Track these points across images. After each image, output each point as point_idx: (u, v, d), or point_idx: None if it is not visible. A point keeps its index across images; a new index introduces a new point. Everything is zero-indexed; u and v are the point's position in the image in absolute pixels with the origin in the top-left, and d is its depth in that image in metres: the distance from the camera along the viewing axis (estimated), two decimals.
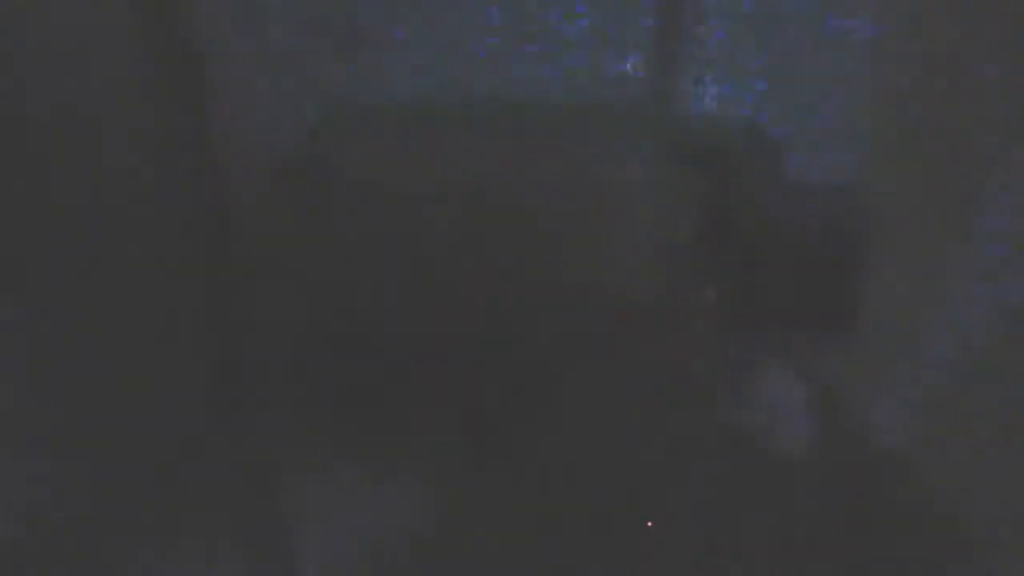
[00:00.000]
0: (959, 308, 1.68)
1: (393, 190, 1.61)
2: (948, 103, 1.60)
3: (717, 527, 1.73)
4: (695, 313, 1.63)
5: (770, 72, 1.62)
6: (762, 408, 1.72)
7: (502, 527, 1.72)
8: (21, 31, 1.52)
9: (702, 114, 1.63)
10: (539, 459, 1.73)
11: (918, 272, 1.68)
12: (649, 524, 1.81)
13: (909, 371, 1.73)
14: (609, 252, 1.59)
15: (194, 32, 1.55)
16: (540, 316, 1.63)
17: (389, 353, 1.68)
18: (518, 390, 1.68)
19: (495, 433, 1.71)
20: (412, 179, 1.61)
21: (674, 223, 1.57)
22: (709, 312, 1.64)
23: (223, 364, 1.71)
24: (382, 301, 1.65)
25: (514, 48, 1.62)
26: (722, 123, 1.63)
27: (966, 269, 1.66)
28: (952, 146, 1.61)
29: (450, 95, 1.63)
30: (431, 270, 1.62)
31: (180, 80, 1.56)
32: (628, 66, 1.45)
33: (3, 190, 1.57)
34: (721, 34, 1.61)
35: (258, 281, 1.67)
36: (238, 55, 1.58)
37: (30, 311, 1.64)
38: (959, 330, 1.70)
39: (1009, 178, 1.61)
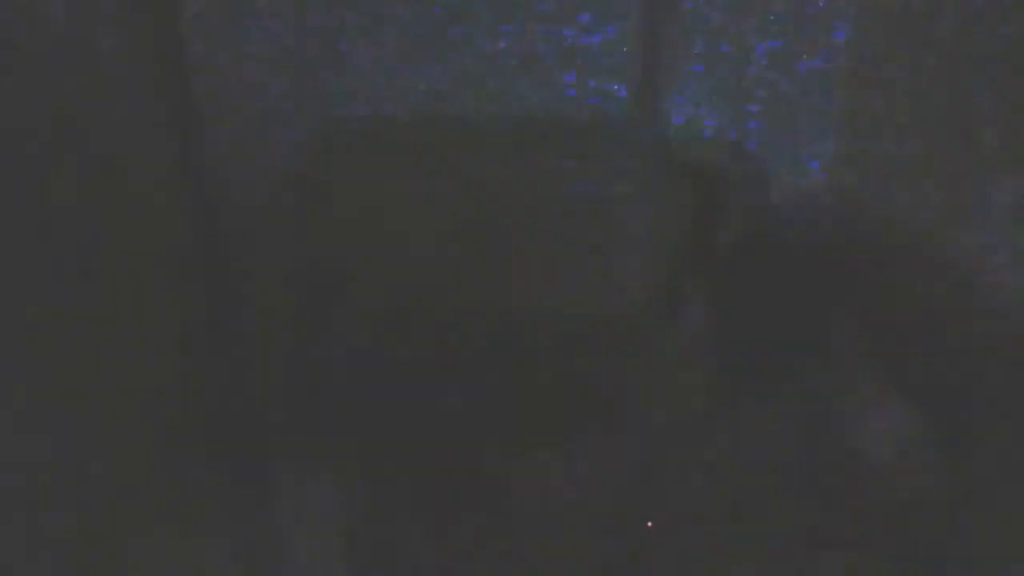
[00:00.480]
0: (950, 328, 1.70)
1: (388, 204, 1.62)
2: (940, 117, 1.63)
3: (711, 531, 1.73)
4: (682, 327, 1.64)
5: (756, 90, 1.65)
6: (750, 419, 1.73)
7: (502, 534, 1.72)
8: (22, 36, 1.53)
9: (689, 131, 1.66)
10: (537, 467, 1.73)
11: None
12: (649, 524, 1.81)
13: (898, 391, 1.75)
14: (599, 267, 1.61)
15: (190, 42, 1.56)
16: (528, 328, 1.64)
17: (386, 361, 1.68)
18: (511, 400, 1.68)
19: (494, 441, 1.71)
20: (405, 193, 1.62)
21: (662, 238, 1.59)
22: (696, 326, 1.65)
23: (221, 370, 1.70)
24: (377, 310, 1.65)
25: (507, 65, 1.64)
26: (708, 140, 1.65)
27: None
28: (945, 156, 1.64)
29: (443, 111, 1.65)
30: (420, 284, 1.63)
31: (176, 89, 1.57)
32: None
33: (2, 193, 1.56)
34: (706, 50, 1.64)
35: (255, 288, 1.67)
36: (235, 67, 1.60)
37: (29, 312, 1.63)
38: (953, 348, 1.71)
39: (1000, 194, 1.64)
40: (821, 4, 1.51)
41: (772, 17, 1.63)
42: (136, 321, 1.68)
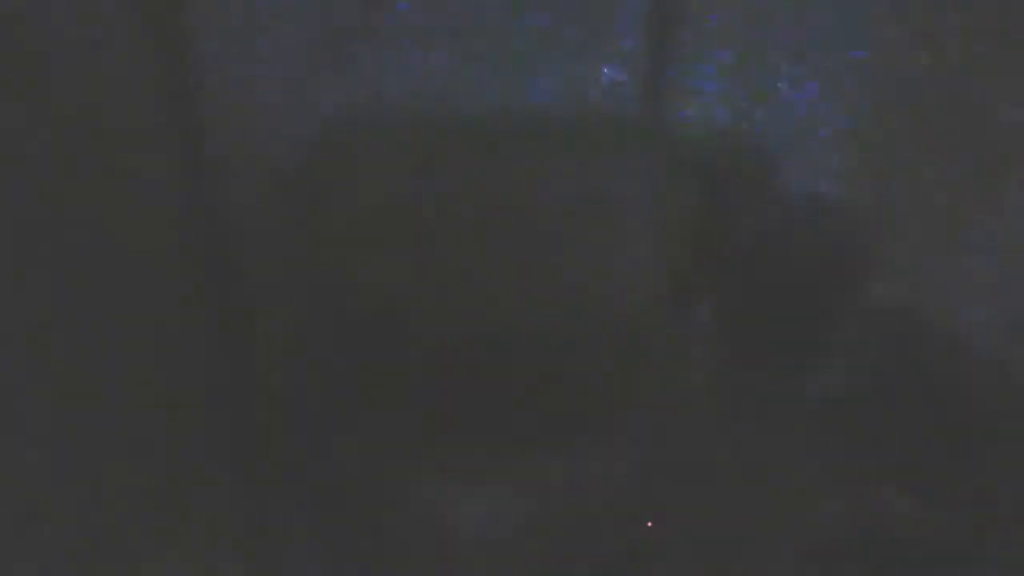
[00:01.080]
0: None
1: (393, 201, 1.62)
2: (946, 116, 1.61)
3: (716, 530, 1.74)
4: (689, 328, 1.63)
5: (765, 83, 1.63)
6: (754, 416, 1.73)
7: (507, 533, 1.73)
8: (25, 31, 1.52)
9: (696, 126, 1.64)
10: (538, 465, 1.73)
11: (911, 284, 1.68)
12: (649, 524, 1.82)
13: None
14: (604, 266, 1.60)
15: (194, 40, 1.55)
16: (529, 328, 1.64)
17: (385, 360, 1.68)
18: (512, 400, 1.69)
19: (497, 438, 1.72)
20: (410, 191, 1.62)
21: (668, 237, 1.58)
22: (702, 327, 1.65)
23: (223, 369, 1.71)
24: (378, 308, 1.65)
25: (508, 59, 1.62)
26: (716, 135, 1.63)
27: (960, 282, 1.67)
28: (949, 156, 1.62)
29: (446, 107, 1.63)
30: (421, 282, 1.63)
31: (179, 88, 1.56)
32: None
33: (3, 191, 1.57)
34: (714, 46, 1.62)
35: (257, 288, 1.68)
36: (239, 65, 1.58)
37: (28, 314, 1.64)
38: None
39: (1003, 195, 1.62)
40: None
41: (785, 15, 1.60)
42: (136, 322, 1.69)
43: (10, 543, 1.71)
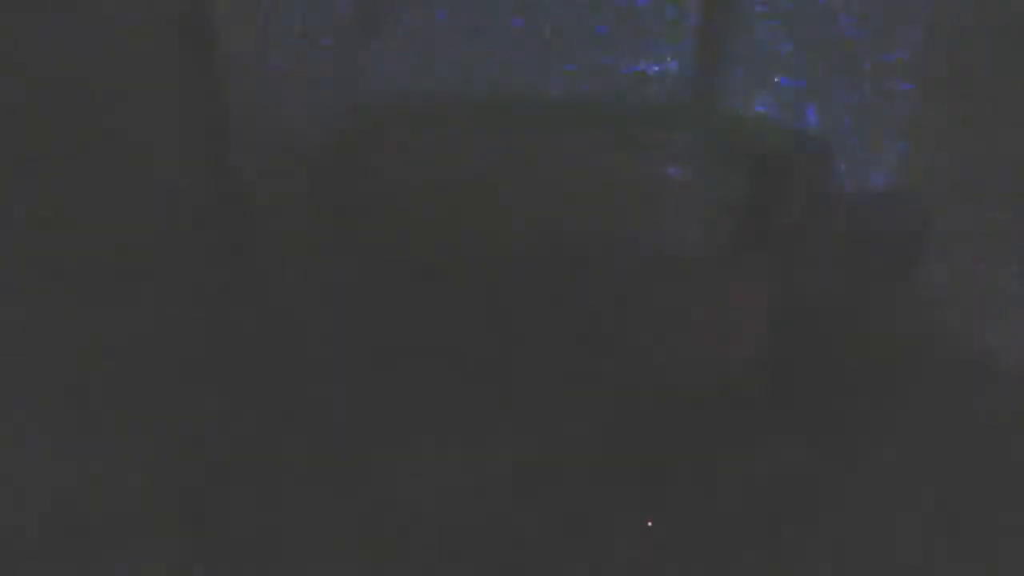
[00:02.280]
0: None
1: (426, 180, 1.62)
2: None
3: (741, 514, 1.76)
4: (737, 312, 1.63)
5: (818, 73, 1.63)
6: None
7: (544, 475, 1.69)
8: (49, 25, 1.50)
9: (749, 115, 1.63)
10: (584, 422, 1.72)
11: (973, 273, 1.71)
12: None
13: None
14: (654, 247, 1.60)
15: (219, 23, 1.55)
16: (582, 310, 1.64)
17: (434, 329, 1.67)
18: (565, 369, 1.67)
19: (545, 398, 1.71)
20: (453, 173, 1.62)
21: (718, 224, 1.57)
22: (752, 309, 1.64)
23: (243, 356, 1.69)
24: (421, 287, 1.65)
25: (562, 46, 1.63)
26: (770, 125, 1.63)
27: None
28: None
29: (484, 88, 1.64)
30: (446, 272, 1.63)
31: (204, 71, 1.56)
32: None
33: (23, 185, 1.53)
34: (767, 34, 1.63)
35: (282, 271, 1.66)
36: (263, 47, 1.59)
37: (49, 308, 1.60)
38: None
39: None
40: None
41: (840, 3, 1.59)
42: (162, 308, 1.66)
43: (9, 540, 1.64)
